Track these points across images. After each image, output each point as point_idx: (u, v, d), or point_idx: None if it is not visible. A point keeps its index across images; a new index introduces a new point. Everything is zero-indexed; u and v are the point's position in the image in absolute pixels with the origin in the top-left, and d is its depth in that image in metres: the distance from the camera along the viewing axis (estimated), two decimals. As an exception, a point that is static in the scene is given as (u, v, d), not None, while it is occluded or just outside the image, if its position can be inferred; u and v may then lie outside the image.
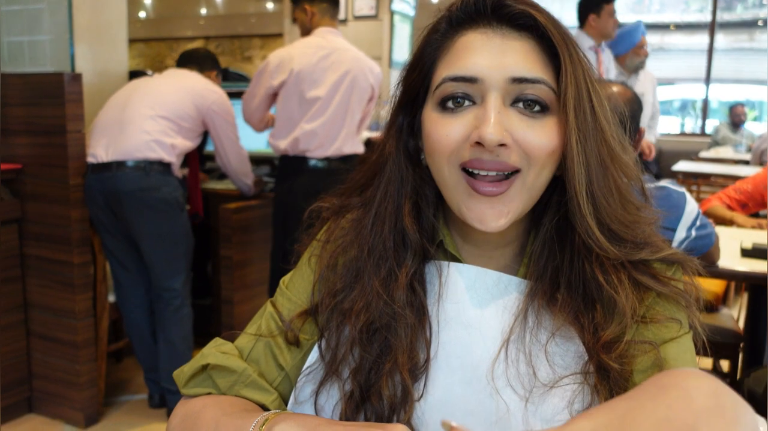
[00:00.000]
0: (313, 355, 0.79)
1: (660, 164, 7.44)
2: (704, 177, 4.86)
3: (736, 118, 7.27)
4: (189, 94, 2.68)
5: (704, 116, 8.23)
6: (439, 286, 0.76)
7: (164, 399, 2.81)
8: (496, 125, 0.66)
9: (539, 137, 0.68)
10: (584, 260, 0.71)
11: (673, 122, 9.00)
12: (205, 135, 3.49)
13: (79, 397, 2.64)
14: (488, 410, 0.70)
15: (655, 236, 0.74)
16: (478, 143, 0.67)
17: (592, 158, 0.68)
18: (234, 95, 3.73)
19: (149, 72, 2.93)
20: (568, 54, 0.68)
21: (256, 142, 3.61)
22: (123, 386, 3.04)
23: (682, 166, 5.39)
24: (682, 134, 8.51)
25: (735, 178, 4.67)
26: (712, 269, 1.88)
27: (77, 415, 2.66)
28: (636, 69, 4.23)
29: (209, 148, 3.71)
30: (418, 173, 0.78)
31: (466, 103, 0.69)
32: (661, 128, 5.33)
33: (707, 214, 2.87)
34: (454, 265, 0.77)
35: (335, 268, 0.79)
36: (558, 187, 0.73)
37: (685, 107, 9.15)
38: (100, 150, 2.54)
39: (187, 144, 2.68)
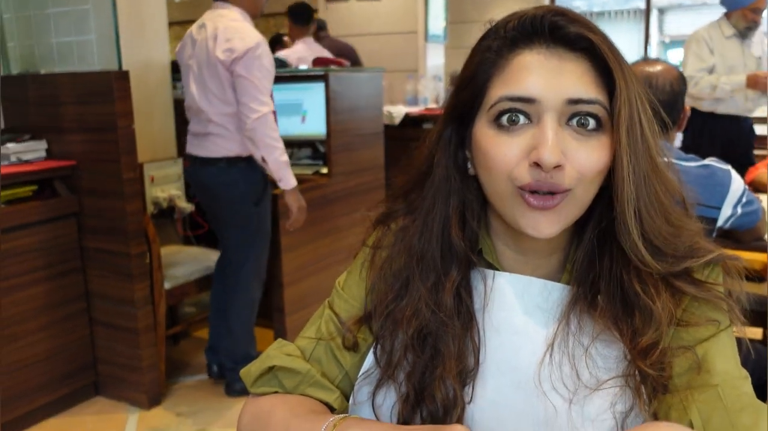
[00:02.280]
0: (370, 359, 0.83)
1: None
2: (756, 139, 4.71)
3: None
4: (220, 74, 2.62)
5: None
6: (485, 294, 0.79)
7: (222, 369, 2.94)
8: (554, 147, 0.68)
9: (591, 156, 0.70)
10: (622, 270, 0.73)
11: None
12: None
13: (141, 380, 2.77)
14: (536, 411, 0.74)
15: (699, 242, 0.75)
16: (536, 164, 0.69)
17: (640, 176, 0.70)
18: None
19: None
20: (623, 75, 0.69)
21: (294, 126, 3.66)
22: (182, 367, 3.17)
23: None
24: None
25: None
26: (759, 244, 1.87)
27: (141, 397, 2.79)
28: (744, 34, 3.85)
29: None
30: (465, 183, 0.80)
31: (522, 120, 0.71)
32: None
33: (754, 182, 2.83)
34: (500, 274, 0.80)
35: (385, 278, 0.83)
36: (601, 199, 0.75)
37: (730, 64, 8.88)
38: (190, 147, 2.82)
39: None
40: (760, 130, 4.77)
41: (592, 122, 0.70)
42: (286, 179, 2.69)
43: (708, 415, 0.67)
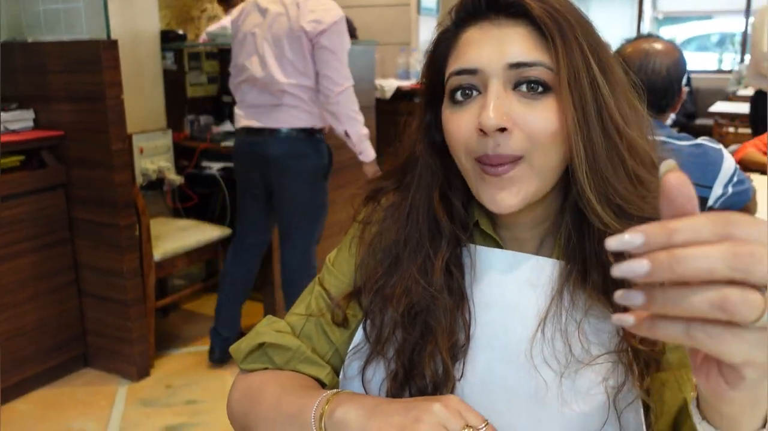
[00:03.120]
0: (360, 334, 0.83)
1: (696, 103, 7.27)
2: (743, 119, 4.74)
3: None
4: (302, 45, 2.57)
5: (743, 51, 7.96)
6: (474, 270, 0.80)
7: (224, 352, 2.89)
8: (495, 109, 0.68)
9: (540, 118, 0.70)
10: (598, 243, 0.72)
11: (710, 58, 8.73)
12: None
13: (130, 352, 2.78)
14: (527, 387, 0.74)
15: None
16: (482, 131, 0.69)
17: (594, 135, 0.69)
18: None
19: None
20: (560, 35, 0.70)
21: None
22: (170, 340, 3.18)
23: (719, 107, 5.25)
24: (719, 71, 8.26)
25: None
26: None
27: (130, 369, 2.80)
28: None
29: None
30: (446, 164, 0.80)
31: (474, 93, 0.72)
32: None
33: (743, 161, 2.84)
34: (489, 250, 0.80)
35: (375, 254, 0.83)
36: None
37: (723, 42, 8.85)
38: (249, 119, 2.69)
39: None
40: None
41: (539, 87, 0.70)
42: (367, 152, 2.70)
43: None
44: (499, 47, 0.71)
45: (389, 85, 4.75)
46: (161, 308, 3.32)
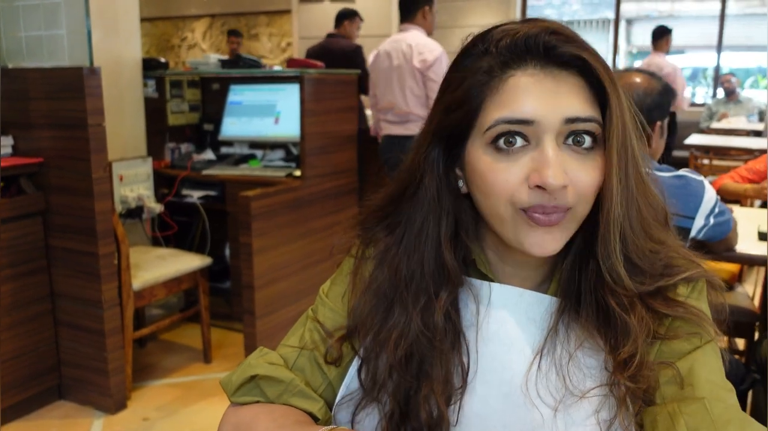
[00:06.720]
0: (349, 381, 0.82)
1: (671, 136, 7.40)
2: (717, 151, 4.84)
3: (726, 87, 7.15)
4: (416, 78, 3.72)
5: (716, 85, 8.15)
6: (477, 306, 0.79)
7: None
8: (558, 168, 0.68)
9: (589, 174, 0.70)
10: (596, 283, 0.74)
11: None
12: (218, 120, 3.52)
13: (107, 383, 2.71)
14: (523, 421, 0.74)
15: (676, 259, 0.76)
16: (539, 186, 0.68)
17: (629, 196, 0.71)
18: (246, 80, 3.75)
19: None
20: (616, 94, 0.70)
21: (267, 127, 3.63)
22: (148, 371, 3.11)
23: (694, 139, 5.36)
24: (693, 104, 8.43)
25: (749, 151, 4.67)
26: (730, 254, 1.91)
27: (106, 401, 2.73)
28: None
29: (225, 132, 3.74)
30: (457, 203, 0.79)
31: (519, 142, 0.70)
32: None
33: (719, 192, 2.89)
34: (489, 284, 0.80)
35: (368, 299, 0.81)
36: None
37: (696, 76, 9.07)
38: (387, 130, 3.92)
39: None
40: (758, 144, 4.89)
41: (588, 140, 0.70)
42: None
43: (695, 427, 0.67)
44: (555, 99, 0.69)
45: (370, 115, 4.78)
46: (138, 339, 3.26)
